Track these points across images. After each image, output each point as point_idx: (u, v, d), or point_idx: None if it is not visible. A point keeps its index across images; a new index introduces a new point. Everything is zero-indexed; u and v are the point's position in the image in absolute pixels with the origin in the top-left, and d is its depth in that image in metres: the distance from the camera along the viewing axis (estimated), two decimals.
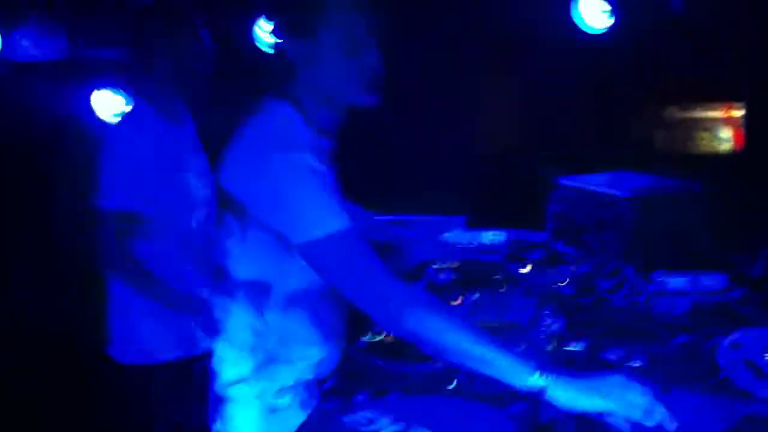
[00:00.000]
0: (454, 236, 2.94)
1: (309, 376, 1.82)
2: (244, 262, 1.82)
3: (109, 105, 3.82)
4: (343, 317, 1.88)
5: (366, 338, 1.95)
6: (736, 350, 1.71)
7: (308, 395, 1.82)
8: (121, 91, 3.79)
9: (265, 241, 1.74)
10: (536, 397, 1.43)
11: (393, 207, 2.79)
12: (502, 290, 2.29)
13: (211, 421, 1.92)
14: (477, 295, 2.24)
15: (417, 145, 4.24)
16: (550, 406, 1.43)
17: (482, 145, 4.63)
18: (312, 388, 1.82)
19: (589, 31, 3.83)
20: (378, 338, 1.93)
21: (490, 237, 2.91)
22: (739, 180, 3.92)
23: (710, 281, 2.19)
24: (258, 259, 1.79)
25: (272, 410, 1.82)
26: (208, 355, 2.39)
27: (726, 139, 4.59)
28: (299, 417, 1.78)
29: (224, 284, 1.86)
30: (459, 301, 2.21)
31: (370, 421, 1.41)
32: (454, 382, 1.65)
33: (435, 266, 2.60)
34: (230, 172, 1.76)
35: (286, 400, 1.81)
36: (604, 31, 3.81)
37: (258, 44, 4.00)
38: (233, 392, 1.86)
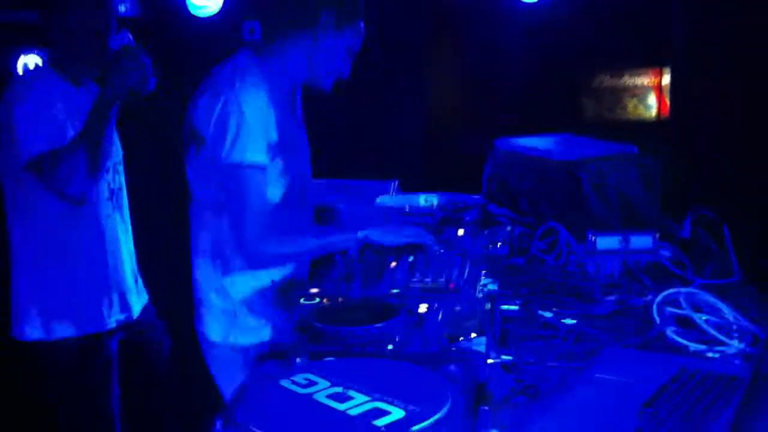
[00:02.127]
0: (389, 200, 2.92)
1: (266, 283, 2.17)
2: (199, 183, 2.16)
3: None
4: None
5: (302, 300, 1.92)
6: (668, 306, 1.75)
7: (268, 303, 2.17)
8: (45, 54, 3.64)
9: (210, 162, 2.07)
10: (362, 240, 2.17)
11: (329, 171, 2.75)
12: (437, 252, 2.28)
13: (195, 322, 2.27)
14: (412, 258, 2.23)
15: (354, 111, 4.20)
16: (485, 366, 1.48)
17: (418, 111, 4.62)
18: (270, 295, 2.17)
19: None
20: (315, 301, 1.91)
21: (424, 200, 2.90)
22: (666, 144, 4.01)
23: (641, 241, 2.23)
24: (208, 180, 2.12)
25: (234, 316, 2.17)
26: (117, 332, 2.39)
27: (653, 105, 4.69)
28: (260, 325, 2.16)
29: (192, 205, 2.22)
30: (394, 264, 2.19)
31: (308, 384, 1.38)
32: (391, 345, 1.64)
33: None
34: (192, 107, 2.13)
35: (244, 307, 2.17)
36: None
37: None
38: (203, 296, 2.22)
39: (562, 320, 1.80)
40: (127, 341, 2.59)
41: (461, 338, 1.66)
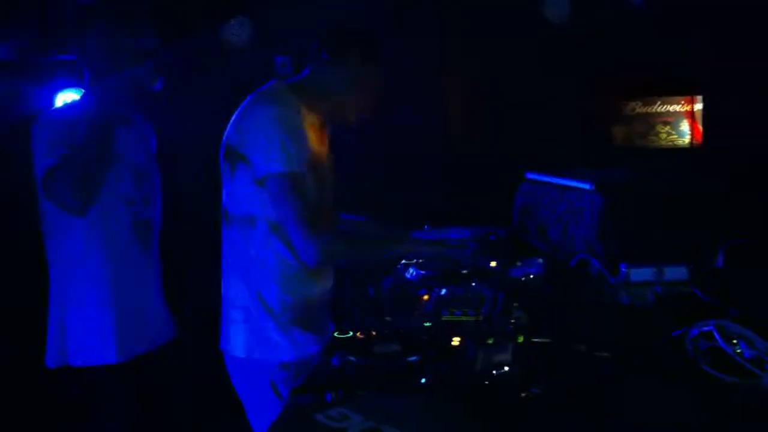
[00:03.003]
0: (423, 234, 2.94)
1: (294, 299, 2.21)
2: (236, 201, 2.21)
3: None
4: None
5: (336, 334, 1.94)
6: (703, 339, 1.74)
7: (293, 320, 2.21)
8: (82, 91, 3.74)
9: (247, 177, 2.14)
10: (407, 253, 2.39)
11: (351, 207, 2.79)
12: (469, 285, 2.29)
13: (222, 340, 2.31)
14: (444, 291, 2.24)
15: (378, 145, 4.23)
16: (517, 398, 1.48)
17: (442, 143, 4.64)
18: (300, 313, 2.22)
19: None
20: (348, 335, 1.92)
21: (457, 233, 2.91)
22: (699, 172, 3.98)
23: (675, 272, 2.22)
24: (246, 197, 2.18)
25: (260, 331, 2.21)
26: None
27: (685, 132, 4.67)
28: (285, 342, 2.20)
29: (225, 220, 2.27)
30: (426, 297, 2.21)
31: (342, 418, 1.40)
32: (423, 379, 1.65)
33: (403, 262, 2.60)
34: (229, 127, 2.21)
35: (271, 323, 2.20)
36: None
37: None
38: (233, 315, 2.26)
39: (594, 353, 1.79)
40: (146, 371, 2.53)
41: (493, 371, 1.66)
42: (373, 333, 1.95)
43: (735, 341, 1.71)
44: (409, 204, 3.26)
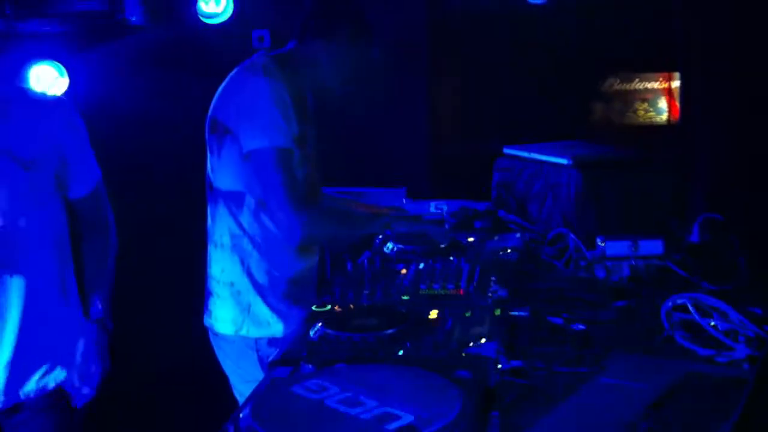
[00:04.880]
0: (400, 208, 2.94)
1: (281, 274, 2.21)
2: (222, 174, 2.19)
3: (45, 79, 3.69)
4: None
5: (314, 308, 1.94)
6: (677, 312, 1.76)
7: (281, 297, 2.21)
8: (57, 64, 3.67)
9: (234, 152, 2.11)
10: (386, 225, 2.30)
11: (334, 179, 2.78)
12: (447, 259, 2.30)
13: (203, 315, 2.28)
14: (422, 265, 2.25)
15: (358, 118, 4.22)
16: (495, 372, 1.49)
17: (423, 117, 4.63)
18: (284, 288, 2.22)
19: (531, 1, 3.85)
20: (326, 308, 1.93)
21: (434, 207, 2.92)
22: (676, 149, 4.00)
23: (650, 246, 2.24)
24: (232, 171, 2.15)
25: (248, 308, 2.20)
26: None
27: (663, 109, 4.69)
28: (273, 319, 2.19)
29: (211, 195, 2.25)
30: (404, 271, 2.21)
31: (320, 390, 1.40)
32: (401, 351, 1.66)
33: (380, 236, 2.60)
34: (215, 100, 2.19)
35: (259, 298, 2.20)
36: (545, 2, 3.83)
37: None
38: (217, 289, 2.25)
39: (571, 326, 1.81)
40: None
41: (471, 344, 1.67)
42: (351, 306, 1.95)
43: (709, 314, 1.73)
44: (387, 178, 3.25)
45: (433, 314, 1.86)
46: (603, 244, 2.24)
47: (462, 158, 4.09)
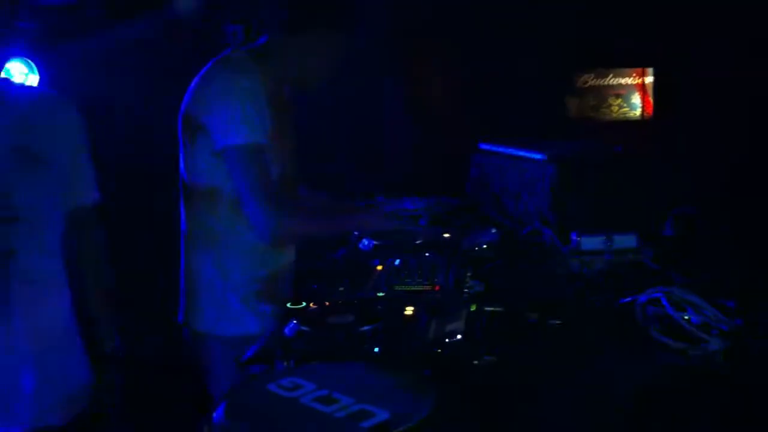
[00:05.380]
0: (375, 204, 2.93)
1: (258, 272, 2.18)
2: (196, 172, 2.15)
3: (16, 75, 3.63)
4: None
5: (289, 305, 1.92)
6: (651, 306, 1.77)
7: (258, 295, 2.19)
8: (28, 61, 3.62)
9: (206, 149, 2.08)
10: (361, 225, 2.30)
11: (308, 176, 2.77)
12: (422, 255, 2.29)
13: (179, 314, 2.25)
14: (398, 261, 2.24)
15: (336, 114, 4.21)
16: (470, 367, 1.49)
17: (400, 113, 4.63)
18: (261, 286, 2.18)
19: None
20: (301, 305, 1.91)
21: (411, 203, 2.91)
22: (649, 143, 4.04)
23: (624, 240, 2.25)
24: (206, 168, 2.12)
25: (225, 306, 2.17)
26: None
27: (636, 104, 4.72)
28: (250, 316, 2.16)
29: (185, 192, 2.21)
30: (380, 267, 2.20)
31: (294, 388, 1.39)
32: (377, 348, 1.65)
33: (357, 233, 2.59)
34: (187, 96, 2.15)
35: (233, 296, 2.17)
36: None
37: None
38: (195, 288, 2.21)
39: (546, 321, 1.81)
40: None
41: (446, 340, 1.67)
42: (327, 303, 1.94)
43: (683, 308, 1.74)
44: (362, 175, 3.25)
45: (409, 310, 1.85)
46: (578, 239, 2.25)
47: (438, 154, 4.09)
